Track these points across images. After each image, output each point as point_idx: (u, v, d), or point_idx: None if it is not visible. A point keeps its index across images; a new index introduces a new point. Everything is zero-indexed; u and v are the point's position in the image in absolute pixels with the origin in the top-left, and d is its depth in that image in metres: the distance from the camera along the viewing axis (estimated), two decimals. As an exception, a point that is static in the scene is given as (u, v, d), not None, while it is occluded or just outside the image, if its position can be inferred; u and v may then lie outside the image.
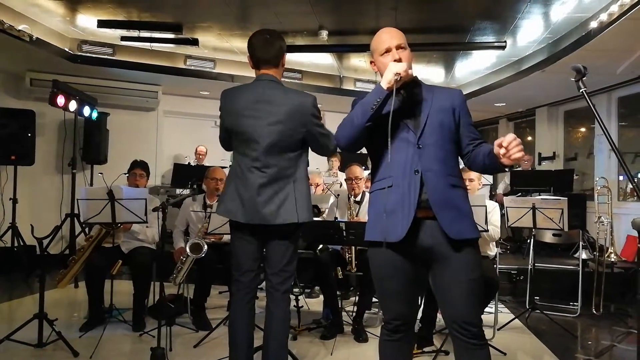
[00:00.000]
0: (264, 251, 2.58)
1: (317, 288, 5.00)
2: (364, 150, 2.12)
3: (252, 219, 2.42)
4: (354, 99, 2.06)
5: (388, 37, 1.98)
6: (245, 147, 2.48)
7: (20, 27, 5.05)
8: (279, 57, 2.55)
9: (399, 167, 1.89)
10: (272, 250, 2.53)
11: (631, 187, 6.17)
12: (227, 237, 4.08)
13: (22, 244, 5.58)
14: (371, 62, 2.08)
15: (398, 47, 1.95)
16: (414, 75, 1.99)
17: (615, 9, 4.23)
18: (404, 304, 1.94)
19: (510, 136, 1.76)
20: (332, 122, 2.77)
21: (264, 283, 2.66)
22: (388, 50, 1.96)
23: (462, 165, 2.08)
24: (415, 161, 1.88)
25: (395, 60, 1.91)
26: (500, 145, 1.77)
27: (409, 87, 1.97)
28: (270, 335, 2.51)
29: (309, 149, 2.62)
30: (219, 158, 6.78)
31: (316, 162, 7.36)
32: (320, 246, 3.85)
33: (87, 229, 5.06)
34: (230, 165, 2.60)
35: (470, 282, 1.85)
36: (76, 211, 5.32)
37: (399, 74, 1.83)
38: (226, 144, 2.65)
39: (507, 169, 1.87)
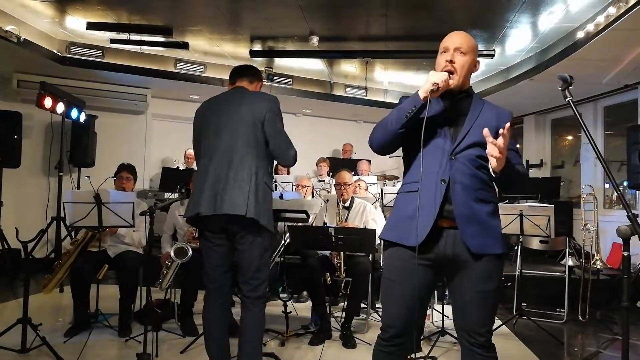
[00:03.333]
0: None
1: (305, 293, 4.99)
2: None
3: (212, 211, 2.44)
4: (401, 96, 2.04)
5: (452, 39, 1.96)
6: (212, 148, 2.55)
7: (7, 28, 5.00)
8: (253, 77, 2.75)
9: (428, 173, 1.86)
10: (240, 257, 2.52)
11: (617, 195, 6.25)
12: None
13: (6, 247, 5.49)
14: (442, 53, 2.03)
15: (456, 50, 1.92)
16: (469, 85, 1.99)
17: (601, 19, 4.30)
18: (404, 311, 1.90)
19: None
20: (321, 127, 2.79)
21: None
22: (446, 50, 1.94)
23: None
24: (445, 171, 1.86)
25: (447, 61, 1.90)
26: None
27: (460, 96, 1.95)
28: (243, 341, 2.50)
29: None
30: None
31: (305, 167, 7.38)
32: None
33: (73, 233, 5.00)
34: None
35: (483, 293, 1.84)
36: (62, 214, 5.26)
37: (437, 83, 1.81)
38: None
39: (498, 175, 1.79)
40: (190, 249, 3.64)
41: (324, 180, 6.73)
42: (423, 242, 1.82)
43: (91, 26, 5.39)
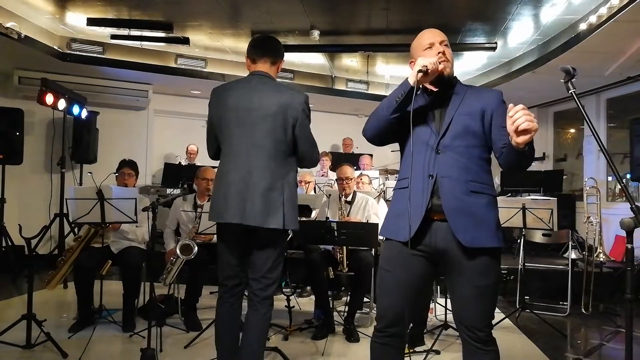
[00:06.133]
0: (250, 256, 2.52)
1: (308, 287, 5.00)
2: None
3: (239, 220, 2.35)
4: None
5: (431, 34, 1.99)
6: (235, 146, 2.43)
7: (8, 25, 4.99)
8: (276, 56, 2.56)
9: (416, 169, 1.87)
10: (255, 254, 2.45)
11: (620, 187, 6.24)
12: (218, 237, 4.07)
13: (10, 244, 5.51)
14: (410, 62, 2.04)
15: (441, 43, 1.95)
16: (454, 75, 1.97)
17: (604, 11, 4.28)
18: (397, 302, 1.90)
19: (519, 106, 1.64)
20: (323, 121, 2.77)
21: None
22: (431, 45, 1.95)
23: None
24: (431, 166, 1.86)
25: (439, 53, 1.91)
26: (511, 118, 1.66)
27: (443, 87, 1.94)
28: (246, 342, 2.43)
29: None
30: (210, 157, 6.75)
31: (307, 162, 7.37)
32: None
33: (76, 229, 5.02)
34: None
35: (479, 288, 1.83)
36: (65, 211, 5.27)
37: (426, 66, 1.79)
38: (214, 149, 2.57)
39: (524, 148, 1.68)
40: (195, 246, 3.65)
41: (325, 174, 6.73)
42: (415, 234, 1.83)
43: (91, 22, 5.38)
